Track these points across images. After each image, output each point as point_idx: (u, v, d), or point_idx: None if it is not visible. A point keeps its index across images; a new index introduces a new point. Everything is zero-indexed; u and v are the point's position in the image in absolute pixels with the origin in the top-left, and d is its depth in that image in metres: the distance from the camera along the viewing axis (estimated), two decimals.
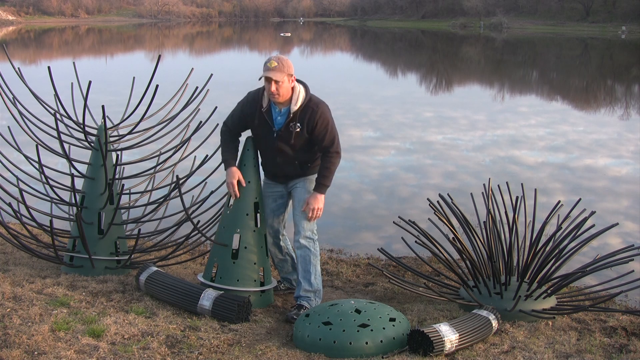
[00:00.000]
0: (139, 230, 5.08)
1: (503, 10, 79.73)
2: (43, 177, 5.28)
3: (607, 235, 5.70)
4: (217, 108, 5.80)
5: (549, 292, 4.71)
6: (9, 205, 5.02)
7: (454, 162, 11.43)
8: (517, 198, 5.18)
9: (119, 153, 5.36)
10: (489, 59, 40.39)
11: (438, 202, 5.22)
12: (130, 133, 5.46)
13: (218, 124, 5.87)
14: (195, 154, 5.94)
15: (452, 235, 4.70)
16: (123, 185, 5.65)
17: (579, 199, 5.53)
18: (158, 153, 5.98)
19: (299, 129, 4.62)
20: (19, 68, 5.68)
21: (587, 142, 13.57)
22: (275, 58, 4.56)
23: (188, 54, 45.49)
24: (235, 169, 4.75)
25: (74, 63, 6.01)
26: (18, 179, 5.53)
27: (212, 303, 4.36)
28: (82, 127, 5.25)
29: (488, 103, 20.14)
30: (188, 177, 5.65)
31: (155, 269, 4.77)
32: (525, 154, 12.16)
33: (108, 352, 3.67)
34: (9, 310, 4.14)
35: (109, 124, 5.69)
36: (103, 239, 5.23)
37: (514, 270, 4.97)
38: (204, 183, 5.81)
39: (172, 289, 4.53)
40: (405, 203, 8.95)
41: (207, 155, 5.52)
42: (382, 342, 3.91)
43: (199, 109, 5.80)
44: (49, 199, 5.54)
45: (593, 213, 5.01)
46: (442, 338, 3.86)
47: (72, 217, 5.69)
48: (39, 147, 5.24)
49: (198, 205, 5.78)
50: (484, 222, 5.17)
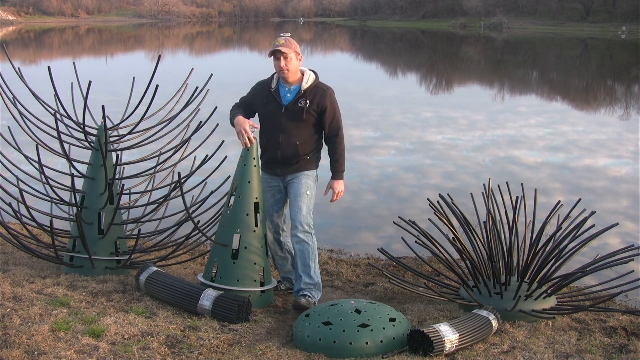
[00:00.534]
0: (139, 230, 5.09)
1: (503, 10, 79.69)
2: (43, 177, 5.28)
3: (607, 235, 5.70)
4: (217, 108, 5.79)
5: (549, 292, 4.71)
6: (9, 205, 5.02)
7: (454, 162, 11.43)
8: (517, 198, 5.18)
9: (119, 153, 5.36)
10: (489, 59, 40.39)
11: (438, 202, 5.22)
12: (130, 133, 5.46)
13: (218, 124, 5.89)
14: (195, 154, 5.94)
15: (452, 235, 4.70)
16: (123, 185, 5.65)
17: (579, 199, 5.53)
18: (158, 153, 5.97)
19: (308, 105, 4.86)
20: (19, 68, 5.67)
21: (586, 142, 13.57)
22: (283, 37, 4.88)
23: (188, 54, 45.47)
24: (243, 117, 4.90)
25: (74, 63, 6.01)
26: (18, 179, 5.53)
27: (212, 303, 4.36)
28: (82, 127, 5.25)
29: (488, 103, 20.14)
30: (188, 177, 5.65)
31: (155, 269, 4.77)
32: (525, 154, 12.16)
33: (108, 352, 3.67)
34: (9, 310, 4.14)
35: (109, 124, 5.69)
36: (103, 239, 5.23)
37: (514, 270, 4.97)
38: (204, 183, 5.81)
39: (172, 289, 4.53)
40: (405, 203, 8.95)
41: (207, 155, 5.52)
42: (382, 342, 3.91)
43: (199, 109, 5.80)
44: (49, 199, 5.54)
45: (593, 213, 5.01)
46: (442, 338, 3.86)
47: (72, 217, 5.69)
48: (39, 147, 5.24)
49: (198, 205, 5.78)
50: (484, 222, 5.17)
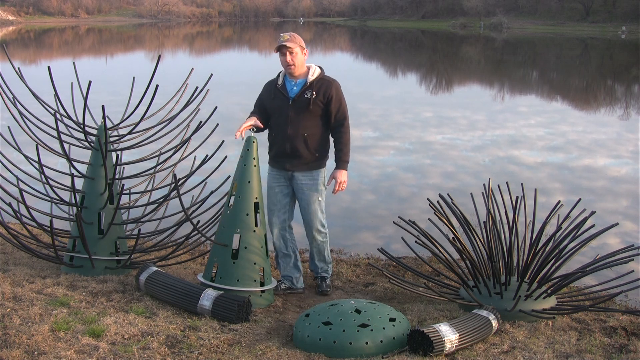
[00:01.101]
0: (139, 230, 5.08)
1: (503, 10, 79.71)
2: (43, 177, 5.28)
3: (606, 235, 5.70)
4: (217, 108, 5.80)
5: (549, 292, 4.71)
6: (9, 205, 5.02)
7: (454, 162, 11.43)
8: (517, 198, 5.18)
9: (119, 153, 5.36)
10: (489, 59, 40.39)
11: (438, 202, 5.22)
12: (130, 133, 5.46)
13: (218, 124, 5.89)
14: (195, 154, 5.94)
15: (452, 235, 4.70)
16: (123, 185, 5.65)
17: (579, 199, 5.53)
18: (158, 153, 5.98)
19: (314, 96, 5.00)
20: (19, 68, 5.67)
21: (586, 142, 13.57)
22: (287, 33, 5.03)
23: (188, 54, 45.47)
24: (254, 117, 5.03)
25: (74, 63, 6.01)
26: (18, 179, 5.53)
27: (212, 303, 4.36)
28: (82, 127, 5.25)
29: (488, 103, 20.14)
30: (188, 177, 5.65)
31: (155, 269, 4.77)
32: (525, 154, 12.16)
33: (108, 352, 3.67)
34: (9, 310, 4.14)
35: (109, 124, 5.69)
36: (103, 239, 5.23)
37: (514, 270, 4.97)
38: (204, 183, 5.81)
39: (172, 289, 4.53)
40: (405, 203, 8.95)
41: (207, 155, 5.52)
42: (382, 342, 3.91)
43: (199, 109, 5.80)
44: (49, 199, 5.54)
45: (593, 213, 5.01)
46: (442, 338, 3.86)
47: (72, 217, 5.69)
48: (39, 147, 5.24)
49: (198, 205, 5.78)
50: (484, 222, 5.17)
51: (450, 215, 5.13)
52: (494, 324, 4.23)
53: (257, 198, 4.78)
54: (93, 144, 5.34)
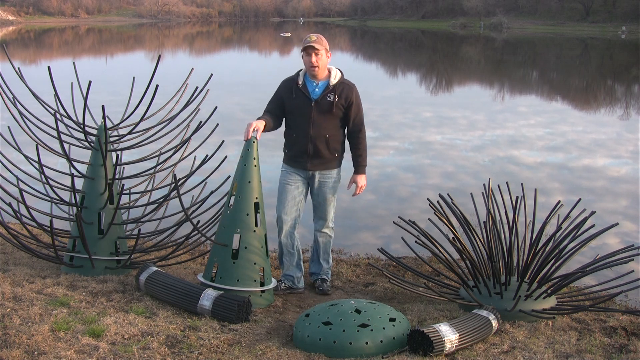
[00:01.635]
0: (139, 230, 5.08)
1: (503, 10, 79.74)
2: (43, 177, 5.28)
3: (606, 235, 5.70)
4: (217, 108, 5.80)
5: (549, 292, 4.71)
6: (9, 205, 5.02)
7: (454, 162, 11.43)
8: (517, 198, 5.18)
9: (119, 153, 5.36)
10: (489, 59, 40.39)
11: (438, 202, 5.22)
12: (130, 133, 5.46)
13: (218, 124, 5.89)
14: (195, 154, 5.94)
15: (452, 235, 4.70)
16: (123, 185, 5.65)
17: (579, 199, 5.53)
18: (158, 153, 5.98)
19: (337, 99, 5.08)
20: (19, 68, 5.67)
21: (586, 142, 13.58)
22: (315, 34, 5.11)
23: (188, 54, 45.47)
24: (261, 120, 4.99)
25: (74, 63, 6.01)
26: (18, 179, 5.53)
27: (212, 303, 4.36)
28: (82, 127, 5.25)
29: (488, 103, 20.14)
30: (188, 177, 5.65)
31: (155, 269, 4.77)
32: (525, 154, 12.16)
33: (108, 352, 3.67)
34: (9, 310, 4.14)
35: (109, 124, 5.69)
36: (103, 239, 5.23)
37: (514, 270, 4.97)
38: (204, 183, 5.81)
39: (172, 289, 4.53)
40: (405, 203, 8.95)
41: (207, 155, 5.52)
42: (382, 342, 3.91)
43: (199, 109, 5.80)
44: (49, 199, 5.54)
45: (593, 213, 5.01)
46: (442, 338, 3.86)
47: (72, 217, 5.69)
48: (39, 147, 5.24)
49: (198, 205, 5.78)
50: (484, 222, 5.17)
51: (450, 215, 5.14)
52: (494, 324, 4.23)
53: (257, 198, 4.78)
54: (93, 144, 5.34)
